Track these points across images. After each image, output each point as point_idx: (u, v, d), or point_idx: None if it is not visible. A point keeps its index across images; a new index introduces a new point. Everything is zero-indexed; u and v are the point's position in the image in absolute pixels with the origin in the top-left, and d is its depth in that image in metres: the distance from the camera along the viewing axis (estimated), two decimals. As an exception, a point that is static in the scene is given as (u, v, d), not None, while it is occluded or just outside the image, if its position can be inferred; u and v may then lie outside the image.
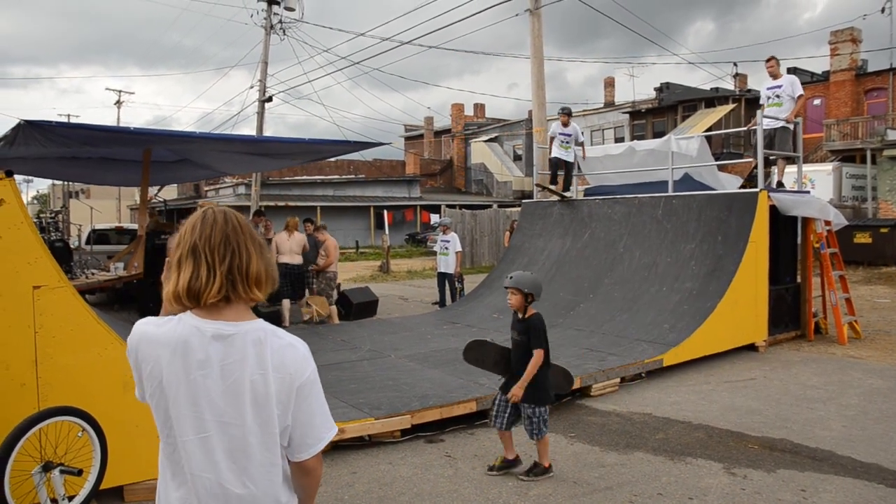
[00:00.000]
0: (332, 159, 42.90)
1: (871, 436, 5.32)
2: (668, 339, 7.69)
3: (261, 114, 23.61)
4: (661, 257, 9.03)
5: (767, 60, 9.18)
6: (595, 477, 4.63)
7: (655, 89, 32.90)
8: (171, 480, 1.70)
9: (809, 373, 7.43)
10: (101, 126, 9.24)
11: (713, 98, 30.51)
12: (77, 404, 3.85)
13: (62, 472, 3.38)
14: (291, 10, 23.26)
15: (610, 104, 36.70)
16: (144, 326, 1.69)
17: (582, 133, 11.65)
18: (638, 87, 56.35)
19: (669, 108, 31.43)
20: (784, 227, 9.29)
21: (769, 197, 8.52)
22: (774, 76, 9.22)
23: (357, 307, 11.87)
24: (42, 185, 66.40)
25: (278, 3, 23.09)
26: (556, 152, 11.09)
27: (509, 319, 9.56)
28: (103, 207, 36.61)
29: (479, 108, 50.04)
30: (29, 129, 8.23)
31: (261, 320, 1.76)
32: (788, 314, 9.25)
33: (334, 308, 11.16)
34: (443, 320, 10.42)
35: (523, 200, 13.06)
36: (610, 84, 37.89)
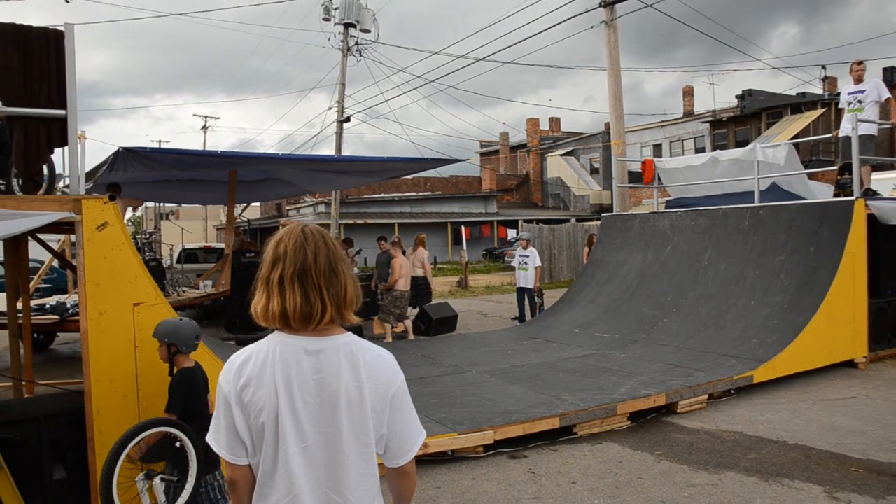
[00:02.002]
0: (409, 177, 43.55)
1: None
2: (758, 354, 7.38)
3: (339, 134, 24.23)
4: (749, 270, 8.70)
5: (857, 63, 8.75)
6: (684, 497, 4.48)
7: (737, 97, 31.76)
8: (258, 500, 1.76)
9: (916, 391, 6.97)
10: (191, 150, 9.75)
11: (800, 104, 29.21)
12: None
13: (162, 479, 3.55)
14: (367, 31, 23.86)
15: (689, 114, 35.71)
16: (242, 369, 1.73)
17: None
18: (719, 95, 54.70)
19: (752, 115, 30.28)
20: (885, 237, 8.78)
21: (867, 205, 8.09)
22: (859, 80, 8.78)
23: (437, 322, 11.94)
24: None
25: (354, 26, 23.71)
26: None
27: (592, 335, 9.48)
28: (192, 228, 38.33)
29: (555, 121, 49.71)
30: (127, 155, 8.76)
31: (350, 333, 1.82)
32: (892, 329, 8.71)
33: (409, 323, 11.27)
34: (523, 335, 10.36)
35: (603, 214, 12.88)
36: (688, 93, 36.88)
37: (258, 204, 45.58)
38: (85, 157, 8.12)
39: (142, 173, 10.43)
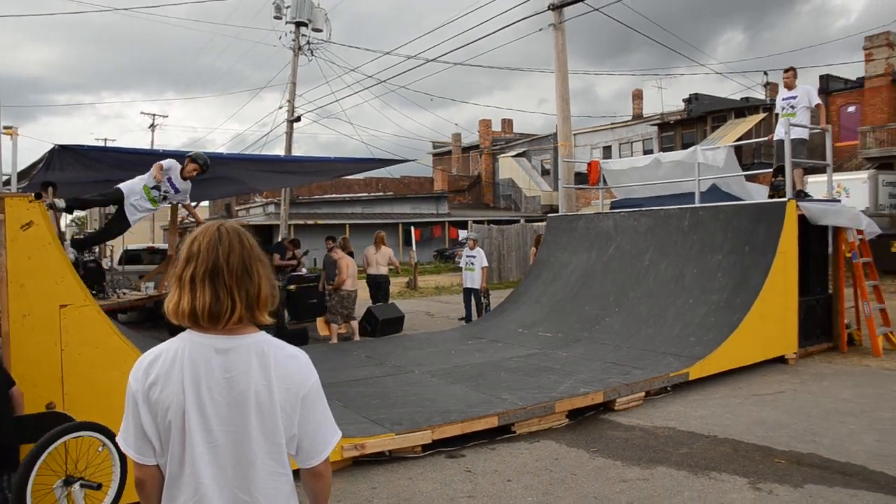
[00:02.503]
0: (361, 177, 43.38)
1: (904, 450, 5.16)
2: (695, 352, 7.57)
3: (289, 133, 23.94)
4: (688, 269, 8.92)
5: (785, 71, 9.09)
6: (616, 492, 4.56)
7: (684, 100, 32.58)
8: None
9: (841, 385, 7.25)
10: (130, 149, 9.51)
11: (743, 108, 30.14)
12: (102, 420, 3.92)
13: (82, 486, 3.44)
14: (319, 30, 23.65)
15: (638, 116, 36.46)
16: (150, 368, 1.73)
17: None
18: (667, 98, 55.96)
19: (698, 119, 31.11)
20: (815, 238, 9.11)
21: (798, 206, 8.37)
22: (789, 87, 9.14)
23: (383, 323, 11.89)
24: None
25: (306, 25, 23.48)
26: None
27: (535, 335, 9.57)
28: (138, 229, 37.34)
29: (507, 123, 50.10)
30: (63, 154, 8.50)
31: (263, 332, 1.81)
32: (820, 326, 9.04)
33: (355, 324, 11.22)
34: (468, 336, 10.41)
35: (548, 215, 13.03)
36: (638, 96, 37.66)
37: (207, 204, 44.75)
38: (17, 153, 7.87)
39: (81, 173, 10.12)
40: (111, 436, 3.61)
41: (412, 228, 26.97)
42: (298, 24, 23.51)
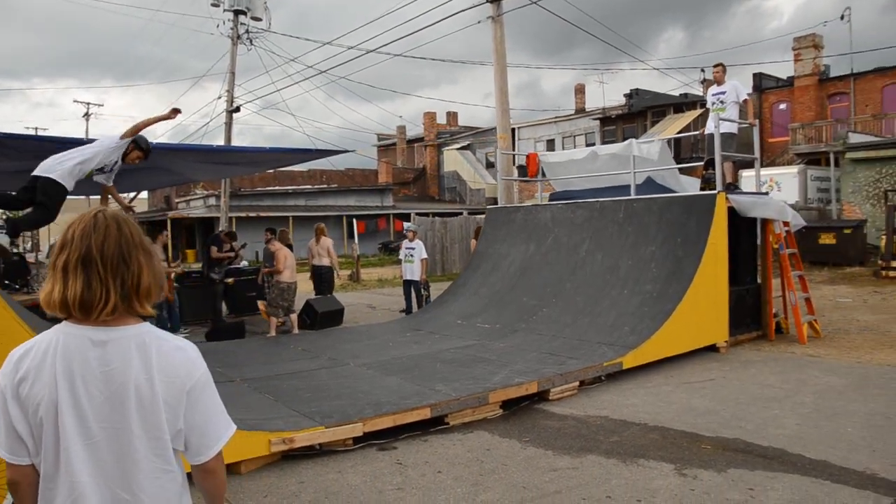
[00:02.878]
0: (305, 170, 42.82)
1: (822, 433, 5.32)
2: (629, 341, 7.68)
3: (228, 124, 23.38)
4: (623, 260, 9.04)
5: (715, 66, 9.31)
6: (545, 481, 4.56)
7: (625, 95, 33.20)
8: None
9: (768, 372, 7.46)
10: (48, 137, 9.09)
11: (682, 103, 30.88)
12: None
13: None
14: (258, 19, 23.12)
15: (581, 111, 36.95)
16: (20, 363, 1.63)
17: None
18: (610, 94, 56.94)
19: (639, 113, 31.73)
20: (744, 229, 9.36)
21: (727, 199, 8.57)
22: (719, 82, 9.38)
23: (322, 316, 11.70)
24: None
25: (245, 14, 22.92)
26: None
27: (474, 326, 9.57)
28: (70, 220, 35.82)
29: (452, 116, 50.12)
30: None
31: (146, 324, 1.71)
32: (749, 315, 9.30)
33: (294, 317, 11.03)
34: (407, 328, 10.33)
35: (487, 206, 13.06)
36: (580, 91, 38.13)
37: (145, 196, 43.43)
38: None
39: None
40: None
41: (355, 221, 26.66)
42: (237, 13, 22.93)
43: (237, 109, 23.06)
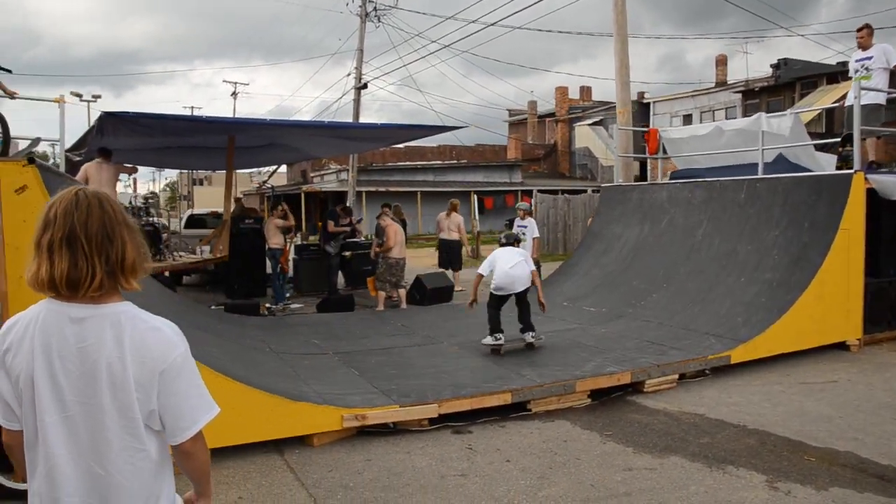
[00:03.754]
0: (435, 145, 43.26)
1: (957, 453, 4.62)
2: (740, 333, 7.06)
3: (357, 101, 24.04)
4: (742, 245, 8.32)
5: (859, 29, 8.21)
6: (616, 481, 4.27)
7: (772, 66, 30.54)
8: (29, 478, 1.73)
9: (905, 378, 6.61)
10: (178, 116, 9.69)
11: (836, 73, 27.95)
12: None
13: None
14: (387, -5, 23.48)
15: (721, 83, 34.54)
16: (6, 335, 1.70)
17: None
18: (756, 65, 52.57)
19: (786, 85, 29.11)
20: (890, 214, 8.30)
21: (867, 179, 7.63)
22: (864, 47, 8.26)
23: (431, 292, 11.77)
24: (172, 174, 71.35)
25: (373, -10, 23.34)
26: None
27: (580, 309, 9.21)
28: (221, 194, 38.54)
29: (586, 91, 48.52)
30: (111, 120, 8.70)
31: (126, 303, 1.72)
32: (891, 311, 8.26)
33: (403, 292, 11.14)
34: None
35: (602, 185, 12.53)
36: (722, 62, 35.55)
37: (284, 171, 45.78)
38: (64, 120, 8.08)
39: (132, 139, 10.39)
40: None
41: (474, 196, 26.64)
42: (366, -10, 23.39)
43: (365, 86, 23.63)
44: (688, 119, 33.84)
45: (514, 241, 7.83)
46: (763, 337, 6.92)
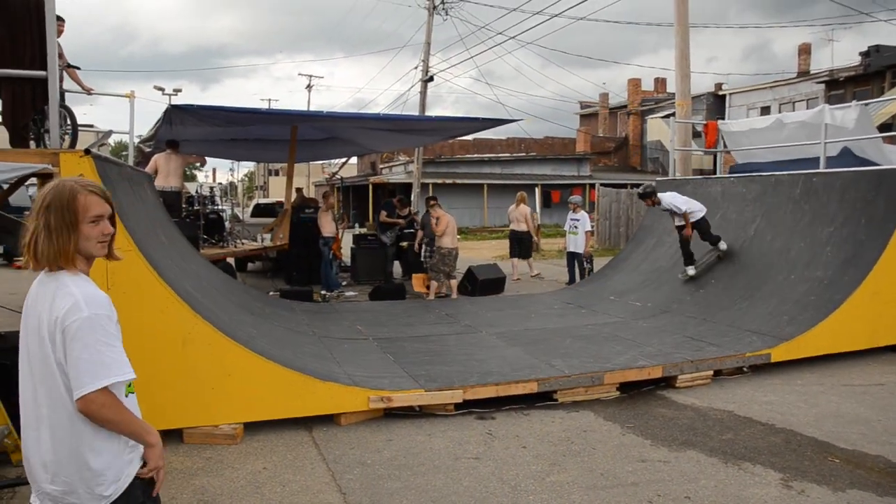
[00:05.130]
0: (504, 137, 43.18)
1: None
2: (784, 332, 6.88)
3: (423, 93, 24.27)
4: (795, 242, 8.07)
5: None
6: (627, 471, 4.31)
7: (861, 54, 28.94)
8: None
9: (959, 383, 6.30)
10: (237, 108, 10.10)
11: (933, 62, 26.26)
12: (144, 357, 4.27)
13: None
14: (455, -12, 23.57)
15: (803, 73, 33.02)
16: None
17: None
18: (846, 54, 49.76)
19: (876, 74, 27.54)
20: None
21: (930, 174, 7.27)
22: None
23: (482, 283, 11.89)
24: (251, 165, 74.70)
25: (440, -16, 23.48)
26: None
27: (626, 303, 9.16)
28: (296, 183, 39.62)
29: (661, 82, 47.28)
30: (177, 112, 9.21)
31: (81, 276, 2.01)
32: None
33: (454, 283, 11.30)
34: (559, 300, 10.16)
35: (656, 178, 12.31)
36: (805, 51, 33.96)
37: (355, 162, 46.64)
38: (134, 115, 8.62)
39: (199, 129, 10.93)
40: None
41: (537, 189, 26.50)
42: (433, -17, 23.55)
43: (431, 79, 23.84)
44: (765, 111, 32.54)
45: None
46: (807, 336, 6.73)
